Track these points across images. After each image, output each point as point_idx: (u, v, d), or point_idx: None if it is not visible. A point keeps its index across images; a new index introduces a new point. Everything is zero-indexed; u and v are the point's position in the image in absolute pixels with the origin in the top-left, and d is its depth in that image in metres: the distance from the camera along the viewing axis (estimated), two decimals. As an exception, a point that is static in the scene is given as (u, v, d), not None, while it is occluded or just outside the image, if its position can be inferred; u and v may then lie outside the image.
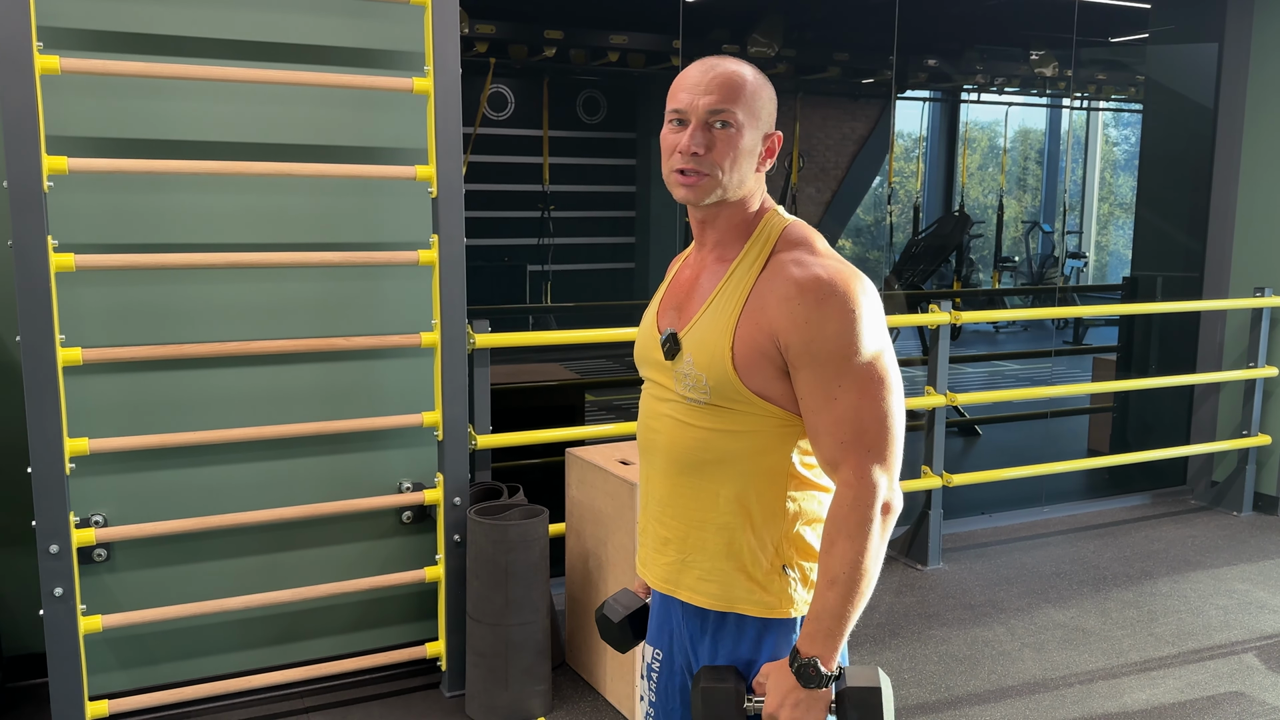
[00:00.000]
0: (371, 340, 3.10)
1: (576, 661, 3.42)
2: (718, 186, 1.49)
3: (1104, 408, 6.35)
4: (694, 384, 1.50)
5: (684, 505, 1.55)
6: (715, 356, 1.48)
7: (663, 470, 1.57)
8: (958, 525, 4.89)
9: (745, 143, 1.48)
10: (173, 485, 3.02)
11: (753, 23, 7.30)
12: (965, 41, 8.40)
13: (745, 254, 1.52)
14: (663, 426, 1.57)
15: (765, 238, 1.52)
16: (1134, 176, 12.17)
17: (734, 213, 1.53)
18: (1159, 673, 3.46)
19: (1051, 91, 10.38)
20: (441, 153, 3.01)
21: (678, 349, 1.53)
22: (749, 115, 1.48)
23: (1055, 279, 11.17)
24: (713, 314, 1.51)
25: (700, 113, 1.47)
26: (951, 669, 3.47)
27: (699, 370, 1.49)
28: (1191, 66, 5.49)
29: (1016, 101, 10.72)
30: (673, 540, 1.58)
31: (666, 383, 1.57)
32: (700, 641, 1.58)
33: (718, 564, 1.53)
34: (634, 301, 8.83)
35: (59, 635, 2.76)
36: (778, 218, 1.55)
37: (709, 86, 1.47)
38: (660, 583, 1.62)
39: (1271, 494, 5.17)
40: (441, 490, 3.18)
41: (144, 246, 2.91)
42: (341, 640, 3.29)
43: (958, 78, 9.42)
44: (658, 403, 1.59)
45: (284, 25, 2.98)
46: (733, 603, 1.53)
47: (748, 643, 1.53)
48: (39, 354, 2.66)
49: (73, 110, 2.80)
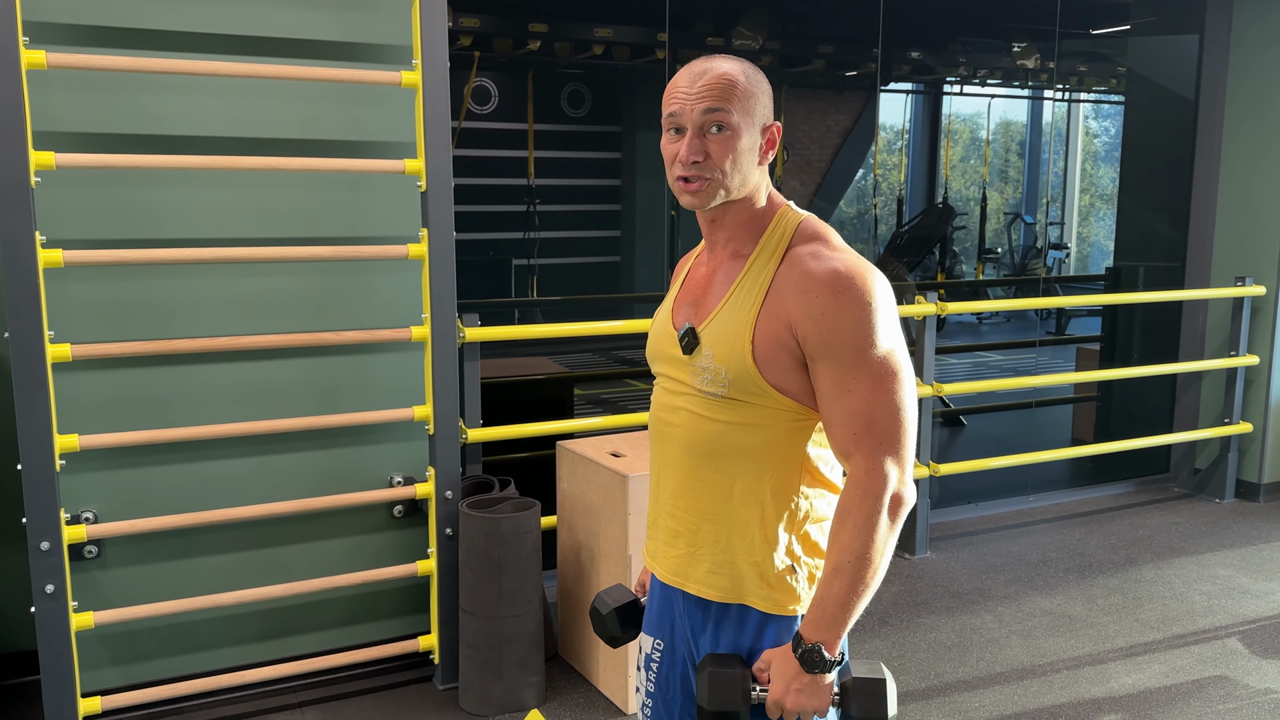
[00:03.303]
0: (361, 335, 3.10)
1: (569, 653, 3.43)
2: (720, 189, 1.50)
3: (1088, 397, 6.40)
4: (712, 377, 1.51)
5: (696, 498, 1.56)
6: (735, 349, 1.49)
7: (677, 463, 1.59)
8: (945, 514, 4.93)
9: (743, 143, 1.49)
10: (163, 481, 3.02)
11: (738, 16, 7.32)
12: (948, 34, 8.44)
13: (761, 249, 1.53)
14: (678, 420, 1.58)
15: (780, 233, 1.53)
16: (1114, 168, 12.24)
17: (741, 209, 1.55)
18: (1144, 658, 3.50)
19: (1034, 84, 10.45)
20: (430, 146, 3.01)
21: (696, 343, 1.54)
22: (744, 114, 1.49)
23: (1037, 270, 11.25)
24: (731, 308, 1.52)
25: (695, 119, 1.48)
26: (941, 656, 3.50)
27: (718, 364, 1.50)
28: (1172, 58, 5.54)
29: (999, 94, 10.78)
30: (683, 533, 1.59)
31: (683, 377, 1.58)
32: (702, 632, 1.59)
33: (728, 558, 1.54)
34: (620, 295, 8.85)
35: (51, 632, 2.76)
36: (791, 213, 1.56)
37: (701, 92, 1.48)
38: (669, 575, 1.63)
39: (1253, 481, 5.23)
40: (433, 484, 3.18)
41: (132, 242, 2.90)
42: (333, 635, 3.29)
43: (940, 70, 9.47)
44: (673, 396, 1.60)
45: (271, 19, 2.97)
46: (740, 595, 1.55)
47: (750, 633, 1.54)
48: (28, 350, 2.65)
49: (59, 105, 2.78)
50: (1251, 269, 5.09)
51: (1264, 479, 5.20)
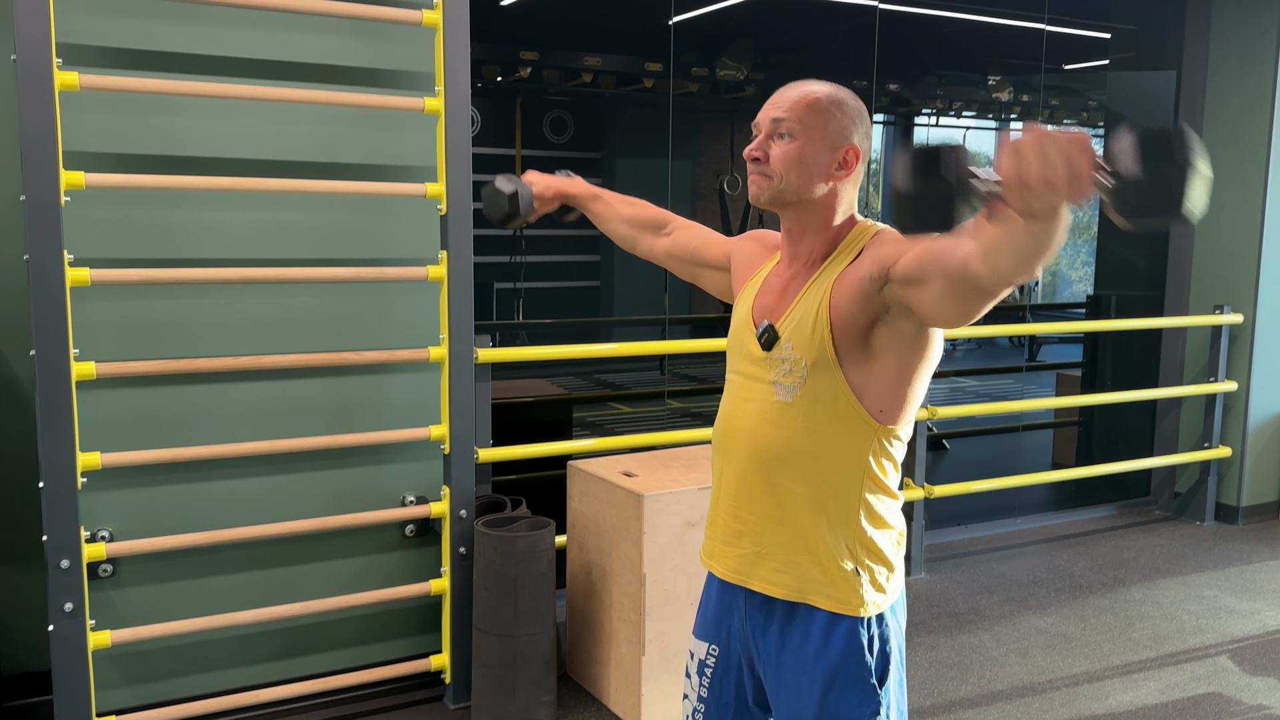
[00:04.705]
0: (382, 355, 3.13)
1: (578, 673, 3.46)
2: (773, 188, 1.61)
3: (1070, 422, 6.53)
4: (791, 368, 1.58)
5: (762, 501, 1.62)
6: (814, 332, 1.56)
7: (743, 465, 1.64)
8: (935, 536, 5.01)
9: (805, 151, 1.59)
10: (178, 500, 3.02)
11: (724, 47, 7.44)
12: (926, 66, 8.62)
13: (837, 254, 1.62)
14: (746, 424, 1.64)
15: (857, 240, 1.62)
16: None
17: (817, 220, 1.63)
18: (1140, 675, 3.59)
19: (1007, 116, 10.67)
20: (451, 171, 3.06)
21: (776, 338, 1.62)
22: (811, 128, 1.59)
23: (1012, 296, 11.45)
24: (805, 302, 1.60)
25: (765, 124, 1.62)
26: (943, 675, 3.57)
27: (798, 354, 1.58)
28: (1150, 93, 5.71)
29: (973, 125, 10.99)
30: (747, 534, 1.65)
31: (760, 374, 1.64)
32: (766, 632, 1.64)
33: (794, 557, 1.60)
34: (605, 319, 8.91)
35: (67, 651, 2.75)
36: (870, 226, 1.65)
37: (778, 102, 1.62)
38: (731, 574, 1.68)
39: (1232, 504, 5.36)
40: (448, 503, 3.21)
41: (157, 261, 2.92)
42: (344, 655, 3.30)
43: (916, 102, 9.65)
44: (743, 402, 1.66)
45: (297, 45, 3.02)
46: (805, 594, 1.60)
47: (817, 634, 1.59)
48: (54, 368, 2.66)
49: (89, 126, 2.81)
50: (1229, 297, 5.24)
51: (1243, 502, 5.34)
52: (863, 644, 1.59)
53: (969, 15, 6.61)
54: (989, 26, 6.70)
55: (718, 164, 7.87)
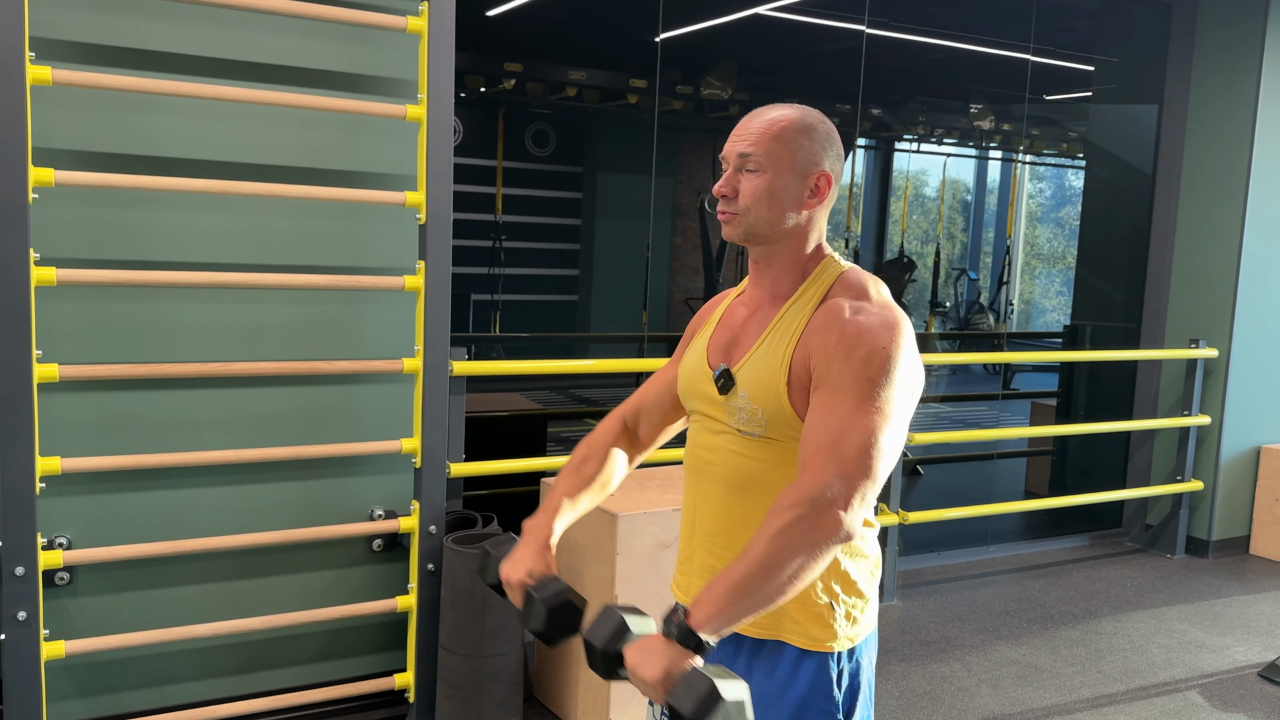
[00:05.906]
0: (355, 365, 3.07)
1: (545, 695, 3.40)
2: (745, 224, 1.55)
3: (1043, 451, 6.54)
4: (749, 417, 1.54)
5: (735, 535, 1.57)
6: (770, 390, 1.52)
7: (716, 499, 1.60)
8: (908, 562, 4.99)
9: (775, 183, 1.53)
10: (139, 508, 2.95)
11: (709, 66, 7.44)
12: (909, 92, 8.66)
13: (800, 295, 1.57)
14: (718, 458, 1.60)
15: (821, 281, 1.57)
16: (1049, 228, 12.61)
17: (787, 251, 1.58)
18: (1110, 709, 3.57)
19: (987, 145, 10.75)
20: (432, 180, 3.02)
21: (732, 384, 1.56)
22: (778, 158, 1.53)
23: (980, 324, 11.51)
24: (766, 350, 1.55)
25: (732, 157, 1.57)
26: (913, 704, 3.53)
27: (754, 404, 1.53)
28: (1132, 126, 5.75)
29: (952, 153, 11.06)
30: (720, 569, 1.60)
31: (719, 416, 1.60)
32: (734, 663, 1.60)
33: None
34: (585, 335, 8.86)
35: (20, 661, 2.66)
36: (835, 264, 1.60)
37: (743, 134, 1.56)
38: None
39: (1203, 538, 5.38)
40: (417, 518, 3.15)
41: (126, 263, 2.85)
42: (307, 670, 3.22)
43: (898, 128, 9.71)
44: (711, 435, 1.62)
45: (278, 47, 2.97)
46: (778, 631, 1.56)
47: (785, 667, 1.55)
48: (14, 370, 2.58)
49: (60, 122, 2.74)
50: (1204, 332, 5.26)
51: (1213, 536, 5.36)
52: (831, 678, 1.56)
53: (955, 43, 6.65)
54: (974, 55, 6.74)
55: (699, 182, 7.86)
